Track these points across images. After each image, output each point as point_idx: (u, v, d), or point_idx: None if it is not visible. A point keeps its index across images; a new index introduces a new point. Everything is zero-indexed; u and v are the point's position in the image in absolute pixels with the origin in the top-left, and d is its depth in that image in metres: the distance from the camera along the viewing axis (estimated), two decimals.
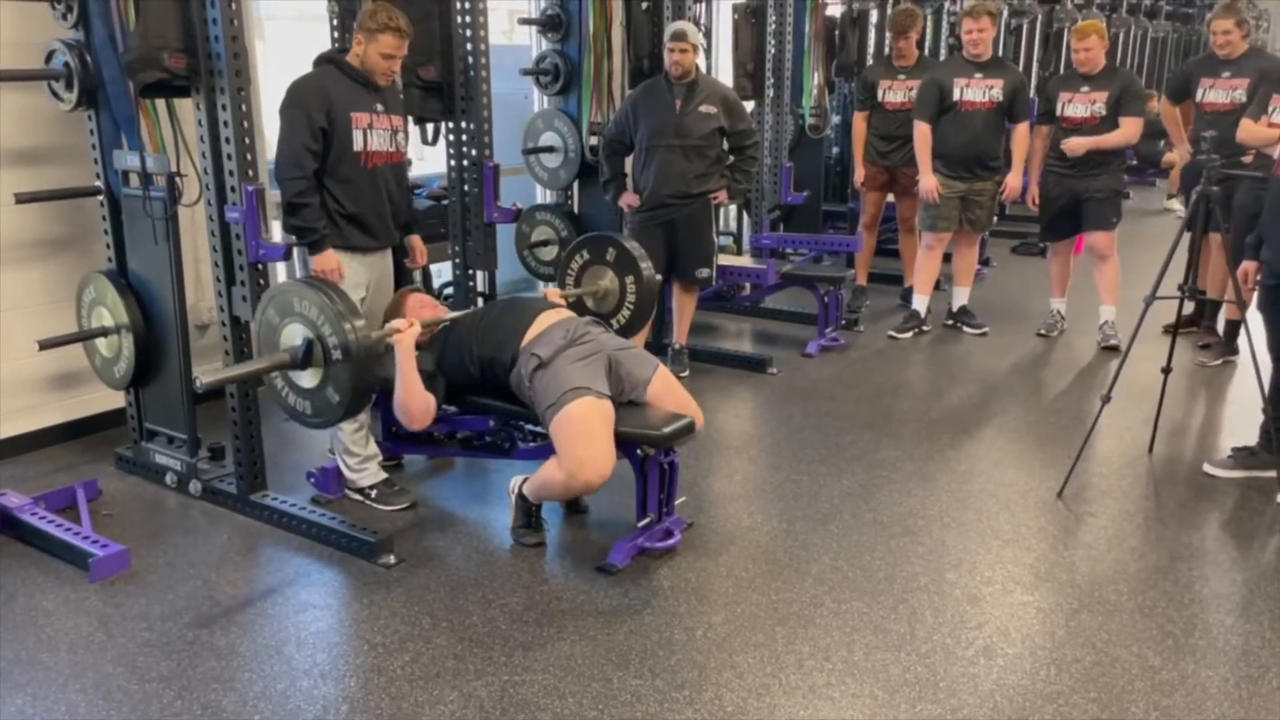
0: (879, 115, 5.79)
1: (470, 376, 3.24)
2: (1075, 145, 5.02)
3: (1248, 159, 4.38)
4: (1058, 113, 5.14)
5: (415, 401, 3.12)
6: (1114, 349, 5.16)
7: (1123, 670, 2.52)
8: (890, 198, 6.04)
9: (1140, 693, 2.44)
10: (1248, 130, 4.26)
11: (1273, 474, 3.45)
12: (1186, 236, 3.66)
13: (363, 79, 3.22)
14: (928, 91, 5.28)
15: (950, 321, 5.60)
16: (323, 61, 3.27)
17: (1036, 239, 7.73)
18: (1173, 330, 3.81)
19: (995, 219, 5.55)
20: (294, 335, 2.87)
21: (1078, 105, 5.08)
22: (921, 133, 5.28)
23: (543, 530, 3.18)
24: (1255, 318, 3.62)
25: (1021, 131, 5.30)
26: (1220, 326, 5.16)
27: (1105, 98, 5.02)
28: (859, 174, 5.92)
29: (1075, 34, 5.13)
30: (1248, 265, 3.52)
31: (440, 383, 3.23)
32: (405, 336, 3.07)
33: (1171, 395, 3.90)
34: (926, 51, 6.49)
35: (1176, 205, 9.43)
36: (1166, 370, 3.73)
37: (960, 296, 5.62)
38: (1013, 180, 5.31)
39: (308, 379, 2.90)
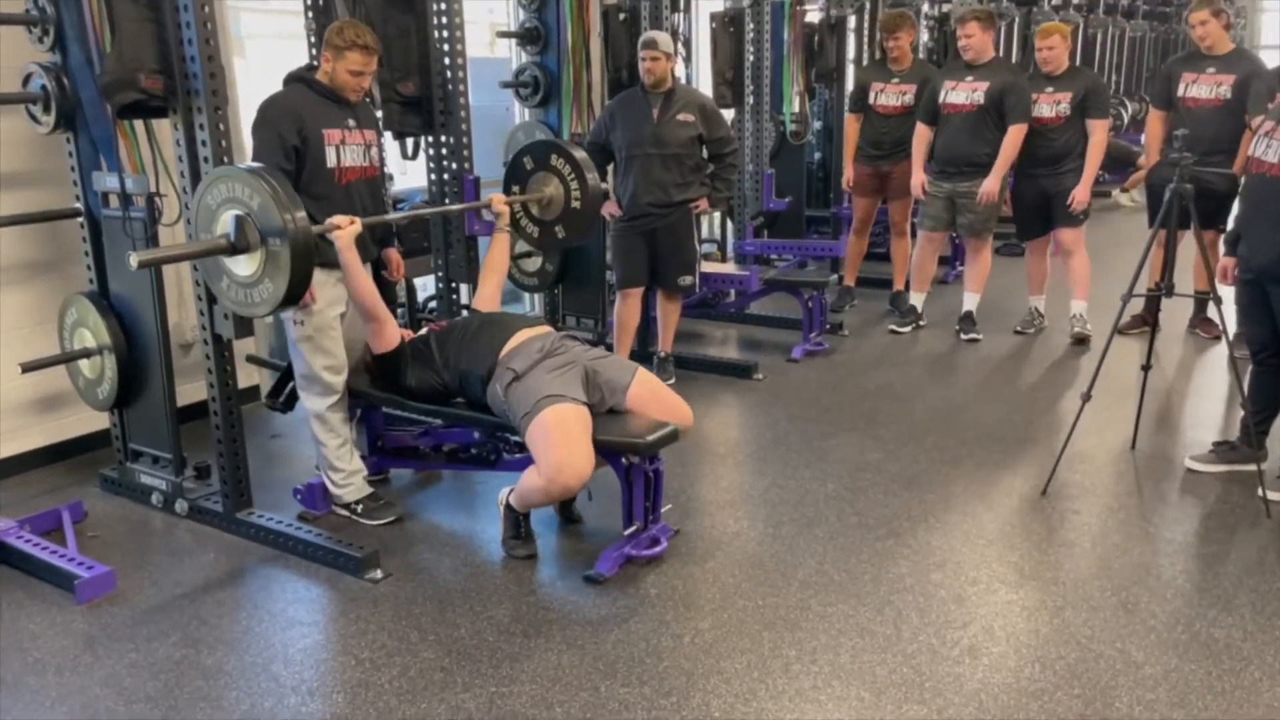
0: (870, 118, 5.81)
1: (443, 381, 3.27)
2: (1082, 197, 5.12)
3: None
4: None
5: (368, 294, 3.19)
6: (1083, 339, 5.28)
7: (1106, 666, 2.54)
8: (881, 202, 6.04)
9: (1124, 688, 2.45)
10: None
11: (1253, 468, 3.48)
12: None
13: (333, 96, 3.23)
14: (927, 96, 5.42)
15: (957, 326, 5.58)
16: (292, 80, 3.28)
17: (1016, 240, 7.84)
18: (1149, 329, 3.84)
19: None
20: (227, 223, 2.79)
21: (1043, 106, 5.16)
22: (917, 133, 5.43)
23: (533, 541, 3.18)
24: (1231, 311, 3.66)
25: (1011, 135, 5.12)
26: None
27: (1069, 98, 5.10)
28: (847, 175, 5.92)
29: (1039, 34, 5.21)
30: (1225, 261, 3.55)
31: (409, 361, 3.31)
32: (345, 233, 3.09)
33: (1152, 392, 3.93)
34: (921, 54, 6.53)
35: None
36: (1146, 367, 3.77)
37: (968, 302, 5.56)
38: (987, 183, 5.17)
39: (244, 266, 2.80)
